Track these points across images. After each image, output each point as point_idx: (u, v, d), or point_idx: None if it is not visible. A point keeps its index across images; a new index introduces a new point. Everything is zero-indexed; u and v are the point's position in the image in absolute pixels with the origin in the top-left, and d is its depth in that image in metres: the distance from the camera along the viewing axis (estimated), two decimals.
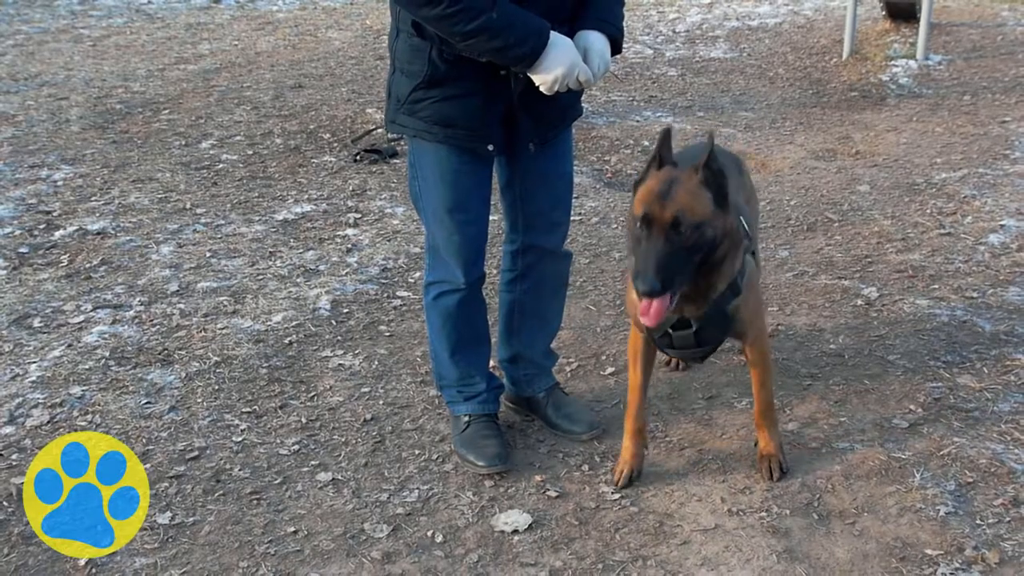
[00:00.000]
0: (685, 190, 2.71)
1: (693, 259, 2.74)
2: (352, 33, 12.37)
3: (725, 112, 8.25)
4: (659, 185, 2.73)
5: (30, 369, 4.13)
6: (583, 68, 2.95)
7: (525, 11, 2.87)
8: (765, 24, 12.00)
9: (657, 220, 2.68)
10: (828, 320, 4.33)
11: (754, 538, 2.96)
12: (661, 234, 2.68)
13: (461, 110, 3.09)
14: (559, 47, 2.90)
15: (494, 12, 2.80)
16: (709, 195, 2.75)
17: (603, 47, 3.04)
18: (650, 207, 2.70)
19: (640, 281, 2.66)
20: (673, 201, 2.69)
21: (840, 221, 5.54)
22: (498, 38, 2.83)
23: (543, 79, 2.92)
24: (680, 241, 2.69)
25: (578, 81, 2.95)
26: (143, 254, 5.32)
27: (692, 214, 2.70)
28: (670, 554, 2.91)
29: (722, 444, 3.45)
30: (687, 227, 2.69)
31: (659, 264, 2.66)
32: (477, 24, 2.80)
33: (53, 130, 7.97)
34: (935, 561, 2.82)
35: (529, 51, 2.87)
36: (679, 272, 2.71)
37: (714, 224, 2.76)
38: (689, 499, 3.16)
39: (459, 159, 3.18)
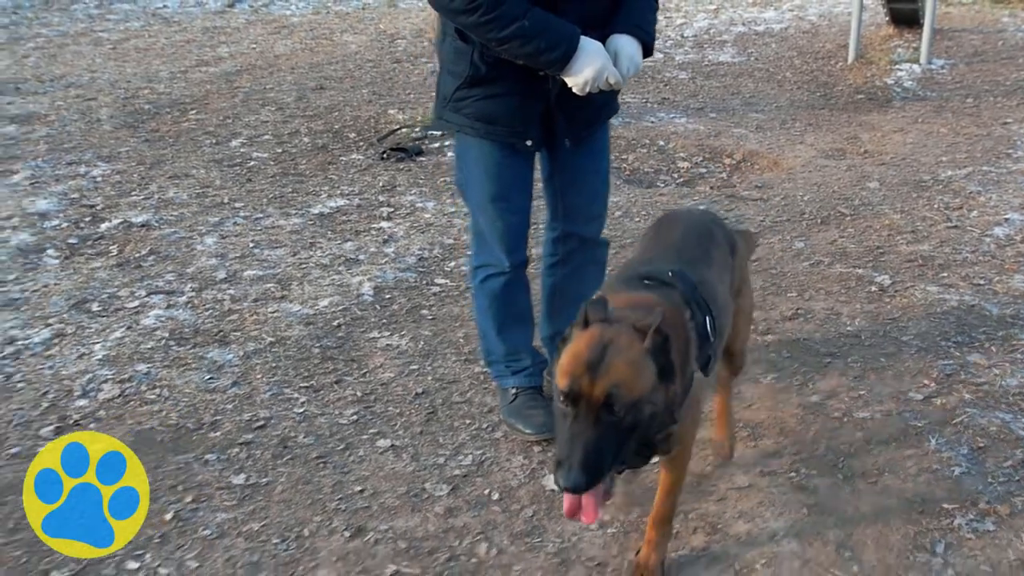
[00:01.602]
0: (624, 360, 2.24)
1: (628, 442, 2.29)
2: (367, 37, 12.64)
3: (736, 114, 8.53)
4: (589, 351, 2.24)
5: (95, 349, 4.39)
6: (612, 71, 3.18)
7: (557, 18, 3.12)
8: (771, 29, 12.29)
9: (586, 397, 2.20)
10: (844, 305, 4.60)
11: (785, 495, 3.22)
12: (590, 415, 2.20)
13: (501, 108, 3.35)
14: (589, 51, 3.13)
15: (526, 20, 3.04)
16: (653, 367, 2.28)
17: (633, 51, 3.26)
18: (577, 381, 2.21)
19: (563, 475, 2.16)
20: (607, 374, 2.20)
21: (852, 215, 5.81)
22: (531, 43, 3.07)
23: (575, 81, 3.17)
24: (613, 423, 2.21)
25: (608, 83, 3.19)
26: (188, 245, 5.59)
27: (630, 391, 2.21)
28: (709, 508, 3.18)
29: (750, 415, 3.72)
30: (622, 407, 2.21)
31: (587, 453, 2.18)
32: (510, 31, 3.05)
33: (86, 129, 8.23)
34: (951, 514, 3.09)
35: (560, 55, 3.10)
36: (612, 458, 2.25)
37: (654, 399, 2.29)
38: (720, 466, 3.42)
39: (500, 153, 3.44)
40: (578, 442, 2.19)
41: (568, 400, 2.23)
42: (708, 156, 7.34)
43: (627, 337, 2.29)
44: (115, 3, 15.82)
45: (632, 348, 2.27)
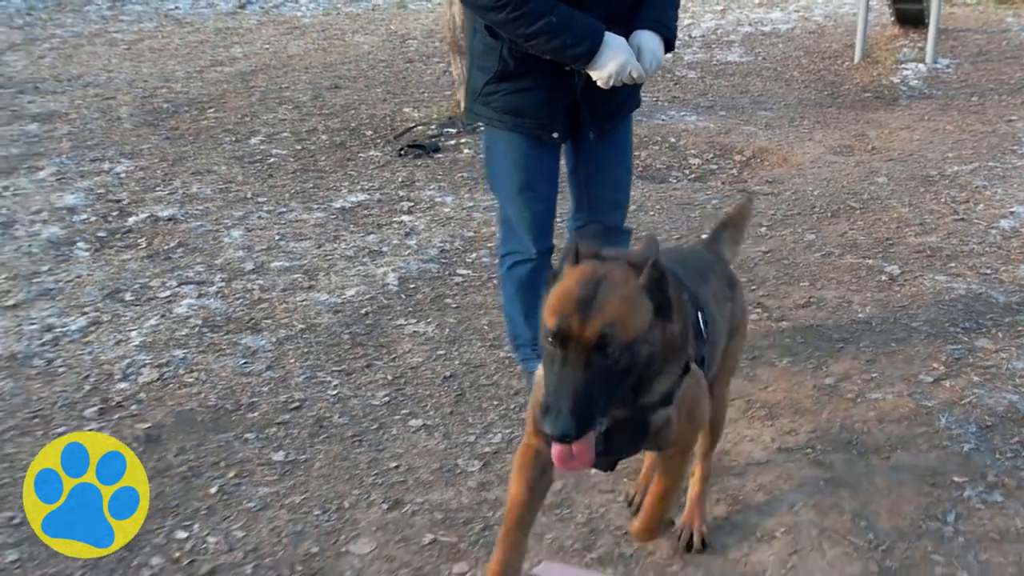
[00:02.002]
0: (618, 297, 2.08)
1: (622, 386, 2.14)
2: (378, 37, 12.80)
3: (745, 112, 8.68)
4: (581, 288, 2.08)
5: (131, 335, 4.54)
6: (635, 65, 3.32)
7: (582, 14, 3.27)
8: (778, 30, 12.44)
9: (576, 338, 2.03)
10: (855, 293, 4.75)
11: (802, 470, 3.38)
12: (581, 357, 2.03)
13: (529, 102, 3.50)
14: (613, 46, 3.27)
15: (553, 16, 3.19)
16: (649, 304, 2.13)
17: (655, 46, 3.41)
18: (567, 320, 2.04)
19: (550, 422, 2.00)
20: (600, 312, 2.04)
21: (861, 209, 5.96)
22: (557, 39, 3.23)
23: (599, 75, 3.31)
24: (606, 366, 2.06)
25: (631, 76, 3.33)
26: (215, 237, 5.74)
27: (624, 330, 2.06)
28: (730, 482, 3.33)
29: (767, 396, 3.87)
30: (616, 348, 2.05)
31: (577, 399, 2.02)
32: (538, 27, 3.20)
33: (107, 127, 8.39)
34: (961, 486, 3.25)
35: (586, 50, 3.25)
36: (604, 403, 2.10)
37: (651, 339, 2.14)
38: (741, 439, 3.58)
39: (528, 145, 3.59)
40: (567, 386, 2.03)
41: (557, 341, 2.05)
42: (718, 153, 7.48)
43: (621, 273, 2.14)
44: (127, 4, 15.98)
45: (627, 284, 2.12)
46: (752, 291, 4.78)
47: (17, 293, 4.99)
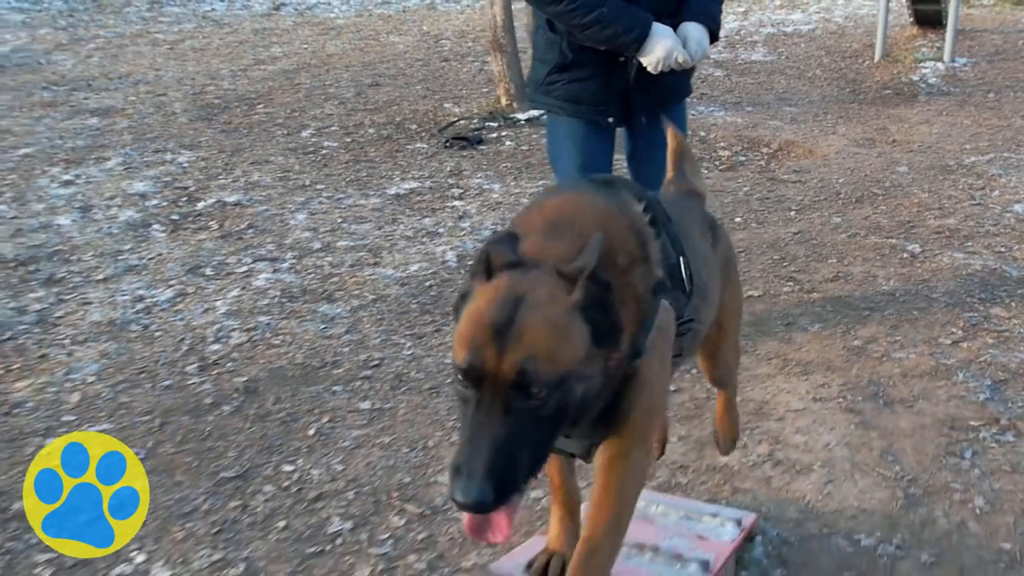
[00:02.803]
0: (542, 321, 1.68)
1: (554, 433, 1.76)
2: (412, 38, 13.24)
3: (771, 107, 9.09)
4: (494, 311, 1.69)
5: (217, 305, 4.98)
6: (681, 51, 3.72)
7: (631, 6, 3.68)
8: (799, 30, 12.85)
9: (492, 376, 1.66)
10: (880, 269, 5.15)
11: (835, 415, 3.79)
12: (498, 400, 1.66)
13: (586, 90, 3.92)
14: (660, 34, 3.68)
15: (605, 7, 3.62)
16: (585, 328, 1.73)
17: (700, 35, 3.81)
18: (479, 353, 1.67)
19: (460, 487, 1.62)
20: (519, 342, 1.66)
21: (884, 195, 6.37)
22: (609, 27, 3.65)
23: (648, 60, 3.72)
24: (531, 410, 1.67)
25: (677, 61, 3.72)
26: (282, 220, 6.18)
27: (552, 364, 1.67)
28: (771, 426, 3.74)
29: (801, 355, 4.28)
30: (542, 387, 1.66)
31: (495, 455, 1.63)
32: (591, 17, 3.63)
33: (163, 121, 8.85)
34: (977, 429, 3.65)
35: (635, 38, 3.67)
36: (532, 458, 1.71)
37: (588, 372, 1.74)
38: (779, 391, 3.99)
39: (586, 128, 4.01)
40: (482, 440, 1.64)
41: (469, 380, 1.67)
42: (747, 145, 7.89)
43: (547, 287, 1.73)
44: (166, 6, 16.48)
45: (554, 303, 1.71)
46: (784, 267, 5.20)
47: (105, 268, 5.43)
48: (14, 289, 5.17)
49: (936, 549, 3.02)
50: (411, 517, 3.26)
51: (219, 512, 3.31)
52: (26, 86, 10.53)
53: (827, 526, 3.15)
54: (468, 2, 16.77)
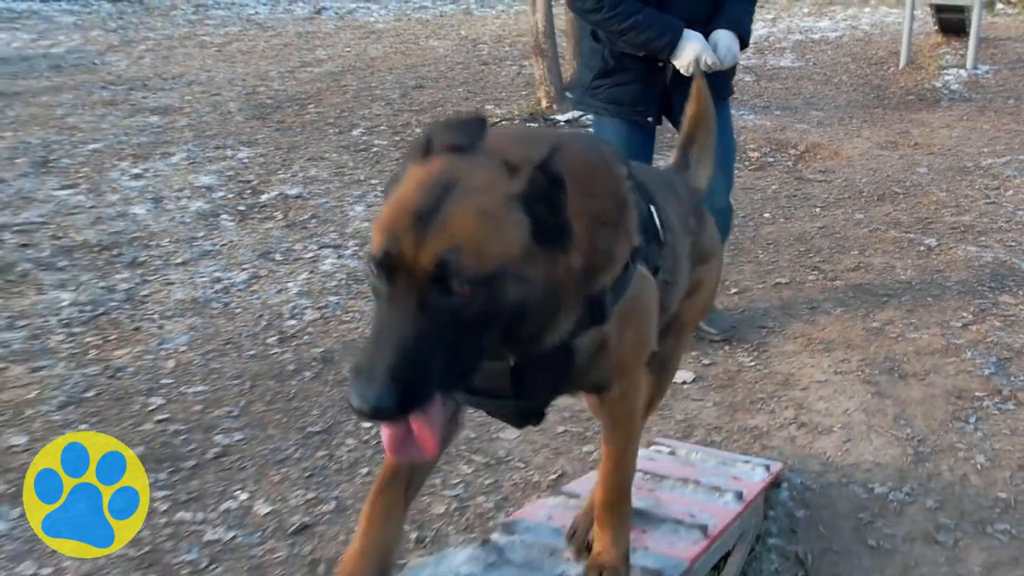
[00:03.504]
0: (471, 208, 1.52)
1: (480, 340, 1.56)
2: (451, 42, 13.72)
3: (798, 112, 9.51)
4: (421, 195, 1.54)
5: (289, 286, 5.45)
6: (710, 54, 4.13)
7: (664, 14, 4.12)
8: (826, 37, 13.26)
9: (408, 267, 1.49)
10: (898, 260, 5.58)
11: (854, 386, 4.22)
12: (413, 295, 1.49)
13: (627, 93, 4.37)
14: (690, 39, 4.12)
15: (640, 15, 4.08)
16: (525, 222, 1.56)
17: (730, 41, 4.24)
18: (396, 241, 1.50)
19: (357, 389, 1.44)
20: (442, 229, 1.49)
21: (904, 194, 6.80)
22: (644, 33, 4.11)
23: (680, 63, 4.15)
24: (449, 310, 1.50)
25: (707, 64, 4.11)
26: (342, 211, 6.66)
27: (478, 258, 1.50)
28: (796, 394, 4.18)
29: (824, 335, 4.72)
30: (464, 283, 1.49)
31: (402, 356, 1.45)
32: (628, 23, 4.10)
33: (220, 120, 9.36)
34: (981, 399, 4.08)
35: (667, 42, 4.12)
36: (451, 364, 1.52)
37: (525, 275, 1.56)
38: (804, 366, 4.43)
39: (628, 129, 4.45)
40: (389, 338, 1.47)
41: (382, 271, 1.51)
42: (775, 147, 8.32)
43: (486, 173, 1.57)
44: (211, 9, 17.03)
45: (490, 190, 1.55)
46: (810, 257, 5.63)
47: (183, 253, 5.92)
48: (101, 271, 5.65)
49: (940, 497, 3.46)
50: (478, 466, 3.72)
51: (309, 460, 3.78)
52: (85, 85, 11.03)
53: (845, 477, 3.59)
54: (503, 7, 17.25)
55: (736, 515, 2.78)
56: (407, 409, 1.48)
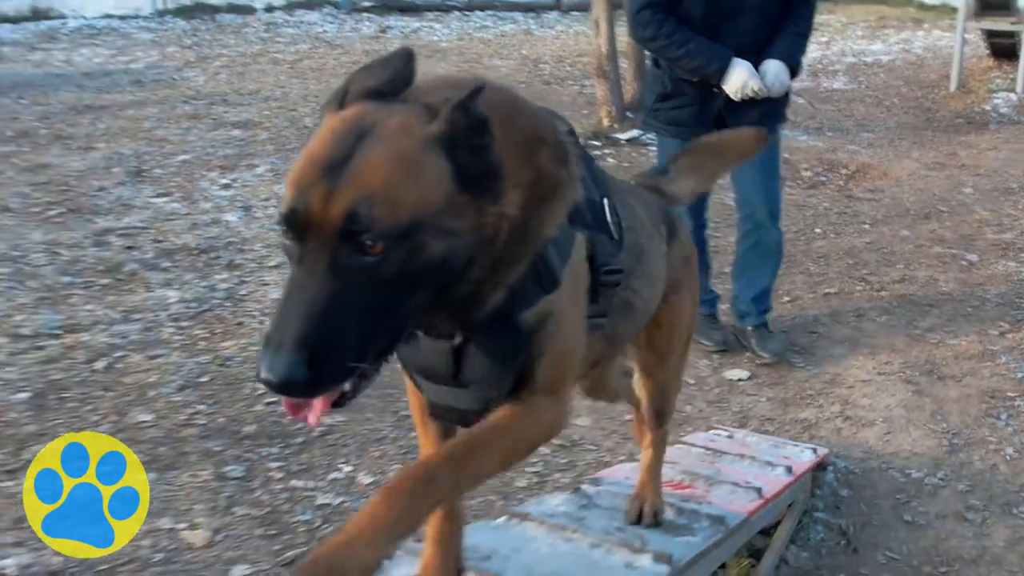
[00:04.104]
0: (384, 154, 1.40)
1: (402, 300, 1.44)
2: (513, 61, 14.21)
3: (850, 133, 9.90)
4: (333, 144, 1.42)
5: None
6: (755, 82, 4.51)
7: (715, 44, 4.52)
8: (879, 60, 13.61)
9: (316, 224, 1.38)
10: (941, 274, 5.98)
11: (895, 385, 4.63)
12: (322, 254, 1.38)
13: (684, 115, 4.78)
14: (738, 66, 4.52)
15: (692, 44, 4.50)
16: (445, 167, 1.45)
17: (778, 70, 4.60)
18: (303, 196, 1.39)
19: (265, 360, 1.35)
20: (353, 179, 1.38)
21: (949, 212, 7.19)
22: (695, 60, 4.53)
23: (728, 88, 4.55)
24: (364, 268, 1.38)
25: (753, 90, 4.51)
26: None
27: (392, 208, 1.38)
28: (842, 392, 4.60)
29: (869, 340, 5.13)
30: (377, 237, 1.37)
31: (310, 323, 1.35)
32: (682, 51, 4.53)
33: (298, 134, 9.89)
34: (1014, 399, 4.48)
35: (716, 68, 4.53)
36: (368, 331, 1.42)
37: (449, 224, 1.44)
38: (850, 367, 4.84)
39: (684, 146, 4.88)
40: (298, 304, 1.37)
41: (291, 230, 1.41)
42: (827, 167, 8.71)
43: (402, 118, 1.46)
44: (281, 27, 17.65)
45: (405, 134, 1.44)
46: (857, 270, 6.05)
47: (275, 257, 6.43)
48: (202, 272, 6.18)
49: (971, 482, 3.87)
50: (555, 448, 4.17)
51: (404, 440, 4.25)
52: (168, 100, 11.62)
53: (885, 463, 4.01)
54: (562, 27, 17.72)
55: (786, 485, 3.21)
56: (320, 382, 1.39)
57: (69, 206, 7.22)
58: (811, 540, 3.54)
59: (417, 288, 1.44)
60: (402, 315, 1.46)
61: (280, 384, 1.35)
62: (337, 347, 1.37)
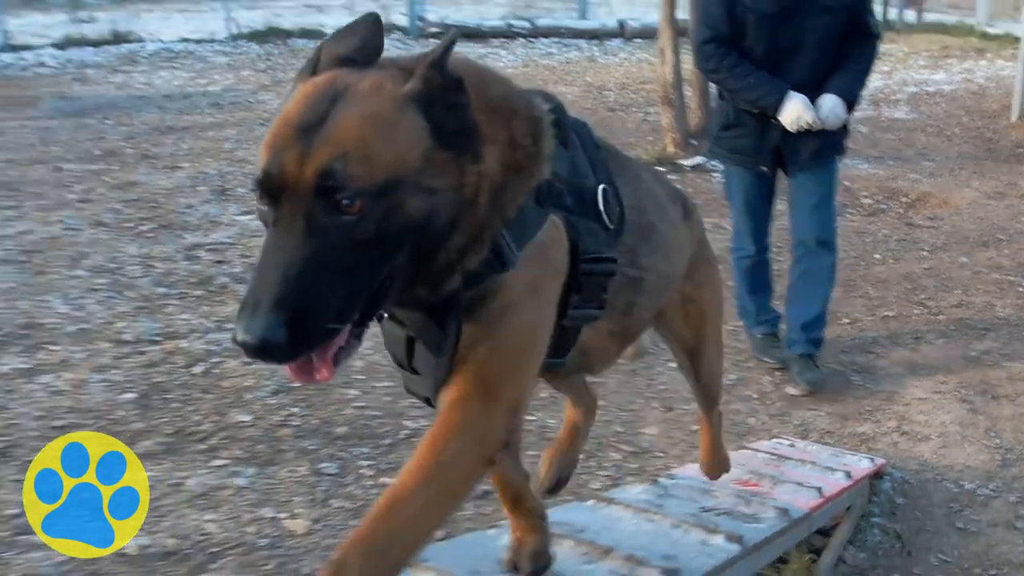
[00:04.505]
0: (361, 113, 1.42)
1: (381, 260, 1.44)
2: (578, 88, 14.52)
3: (911, 162, 10.10)
4: (307, 108, 1.43)
5: None
6: (810, 115, 4.74)
7: (774, 77, 4.78)
8: (941, 90, 13.77)
9: (291, 186, 1.38)
10: (998, 300, 6.19)
11: (952, 403, 4.86)
12: (298, 216, 1.38)
13: (745, 144, 5.05)
14: (794, 99, 4.76)
15: (752, 77, 4.79)
16: (421, 125, 1.46)
17: (834, 104, 4.80)
18: (277, 158, 1.40)
19: (242, 322, 1.34)
20: (328, 139, 1.39)
21: (1007, 240, 7.39)
22: (754, 92, 4.81)
23: (783, 120, 4.79)
24: (341, 227, 1.39)
25: (807, 122, 4.74)
26: None
27: (368, 165, 1.39)
28: (899, 408, 4.84)
29: (926, 361, 5.36)
30: (354, 195, 1.38)
31: (287, 283, 1.35)
32: (742, 84, 4.83)
33: None
34: None
35: (773, 101, 4.79)
36: (347, 291, 1.41)
37: (427, 183, 1.45)
38: (907, 386, 5.08)
39: (748, 175, 5.15)
40: (274, 266, 1.36)
41: (266, 194, 1.41)
42: (887, 195, 8.92)
43: (375, 79, 1.49)
44: None
45: (379, 93, 1.46)
46: (916, 295, 6.28)
47: None
48: None
49: (1022, 494, 4.11)
50: (626, 454, 4.46)
51: None
52: (245, 122, 12.07)
53: (939, 475, 4.25)
54: (625, 55, 18.01)
55: (845, 487, 3.48)
56: (298, 344, 1.36)
57: (160, 222, 7.63)
58: (868, 542, 3.79)
59: (397, 249, 1.44)
60: (382, 277, 1.45)
61: (257, 346, 1.34)
62: (315, 309, 1.36)
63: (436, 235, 1.48)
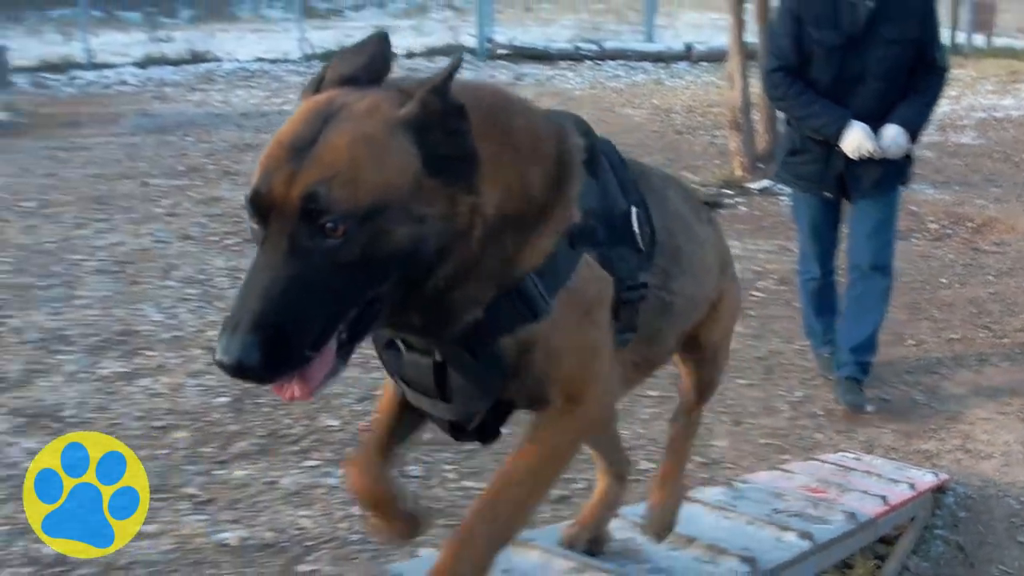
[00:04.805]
0: (348, 136, 1.42)
1: (364, 286, 1.45)
2: (645, 111, 14.74)
3: (977, 187, 10.19)
4: (301, 128, 1.45)
5: None
6: (870, 143, 4.87)
7: (837, 106, 4.93)
8: (1010, 116, 13.80)
9: (278, 206, 1.40)
10: None
11: (1014, 423, 5.02)
12: (283, 237, 1.40)
13: (810, 170, 5.21)
14: (855, 128, 4.90)
15: (816, 105, 4.96)
16: (412, 152, 1.45)
17: (895, 134, 4.92)
18: (267, 179, 1.42)
19: (222, 341, 1.37)
20: (315, 161, 1.40)
21: None
22: (818, 119, 4.98)
23: (844, 147, 4.94)
24: (324, 251, 1.40)
25: (867, 150, 4.88)
26: None
27: (352, 189, 1.39)
28: (963, 427, 5.00)
29: (990, 383, 5.51)
30: (337, 218, 1.38)
31: (267, 304, 1.37)
32: (806, 111, 5.02)
33: None
34: None
35: (835, 129, 4.94)
36: (328, 315, 1.43)
37: (416, 211, 1.44)
38: (971, 406, 5.23)
39: (813, 200, 5.32)
40: (258, 286, 1.38)
41: (255, 213, 1.43)
42: (953, 220, 9.03)
43: (370, 102, 1.48)
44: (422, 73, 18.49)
45: (372, 116, 1.45)
46: (981, 319, 6.43)
47: None
48: None
49: None
50: (696, 464, 4.61)
51: None
52: None
53: (1001, 491, 4.41)
54: (691, 78, 18.19)
55: (909, 498, 3.66)
56: (275, 368, 1.39)
57: (243, 236, 7.91)
58: (931, 552, 3.96)
59: (382, 274, 1.43)
60: (366, 303, 1.45)
61: (233, 366, 1.36)
62: (294, 331, 1.37)
63: (424, 263, 1.47)
